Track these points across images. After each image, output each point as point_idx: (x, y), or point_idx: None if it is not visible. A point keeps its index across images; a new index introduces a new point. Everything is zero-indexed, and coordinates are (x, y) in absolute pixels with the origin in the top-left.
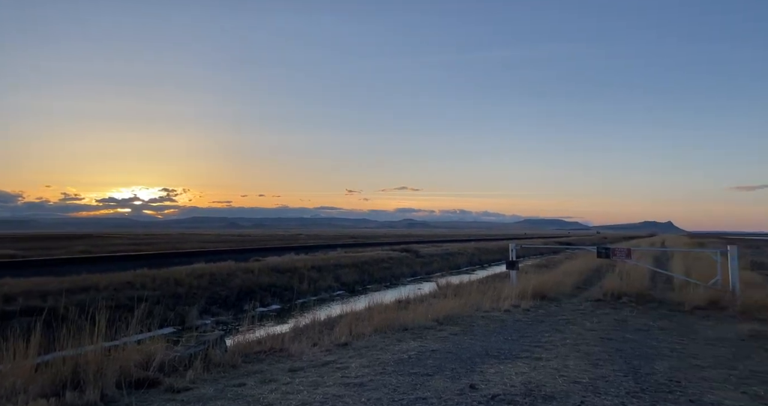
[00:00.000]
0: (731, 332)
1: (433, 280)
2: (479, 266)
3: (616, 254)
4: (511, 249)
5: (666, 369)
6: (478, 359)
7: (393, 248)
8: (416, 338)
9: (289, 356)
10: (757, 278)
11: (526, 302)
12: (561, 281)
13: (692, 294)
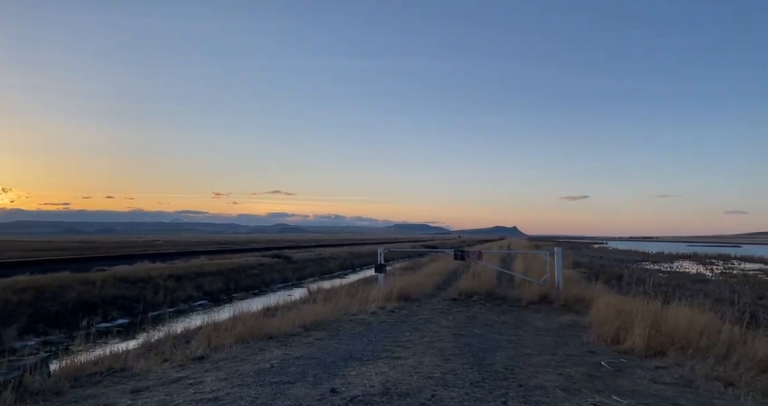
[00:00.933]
0: (555, 322)
1: (305, 285)
2: (352, 270)
3: (469, 256)
4: (379, 253)
5: (504, 359)
6: (342, 363)
7: (264, 253)
8: (281, 346)
9: (132, 375)
10: (577, 276)
11: (392, 303)
12: (423, 283)
13: (528, 291)
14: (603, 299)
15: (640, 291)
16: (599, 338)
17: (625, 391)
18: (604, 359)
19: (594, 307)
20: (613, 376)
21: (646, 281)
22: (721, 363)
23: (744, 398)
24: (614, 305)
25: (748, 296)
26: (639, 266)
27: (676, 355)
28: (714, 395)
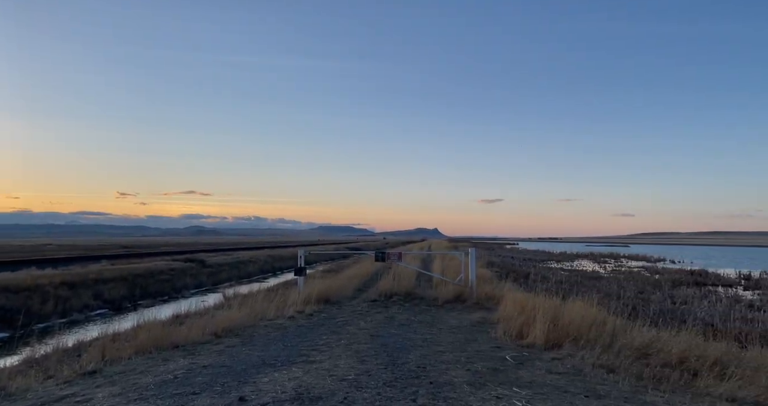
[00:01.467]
0: (467, 320)
1: (221, 290)
2: (272, 273)
3: (390, 257)
4: (299, 256)
5: (417, 357)
6: (254, 370)
7: (175, 258)
8: (188, 355)
9: (7, 395)
10: (490, 275)
11: (311, 307)
12: (344, 285)
13: (444, 290)
14: (510, 296)
15: (543, 288)
16: (505, 334)
17: (525, 382)
18: (508, 353)
19: (502, 304)
20: (516, 369)
21: (549, 278)
22: (606, 352)
23: (622, 382)
24: (520, 302)
25: (632, 290)
26: (545, 265)
27: (570, 347)
28: (599, 381)
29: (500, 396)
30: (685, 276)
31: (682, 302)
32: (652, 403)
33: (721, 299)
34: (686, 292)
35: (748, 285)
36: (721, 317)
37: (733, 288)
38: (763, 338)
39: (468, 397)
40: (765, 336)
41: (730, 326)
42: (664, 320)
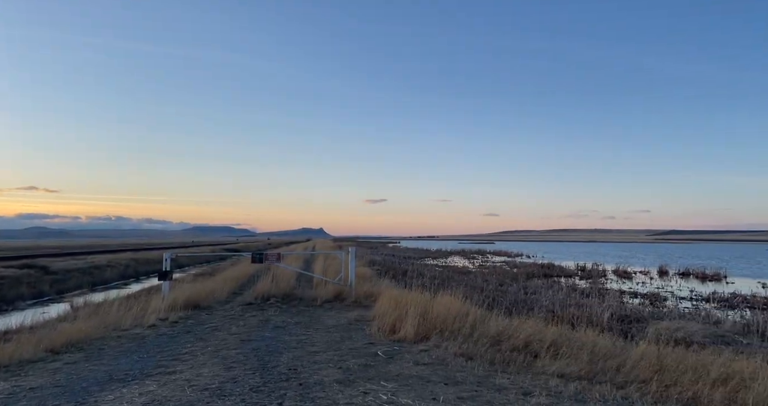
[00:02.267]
0: (344, 319)
1: (68, 300)
2: (136, 279)
3: (268, 258)
4: (165, 259)
5: (289, 360)
6: (97, 388)
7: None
8: (11, 377)
9: None
10: (370, 273)
11: (177, 313)
12: (218, 289)
13: (324, 290)
14: (387, 293)
15: (419, 284)
16: (379, 330)
17: (393, 375)
18: (381, 349)
19: (379, 302)
20: (386, 363)
21: (424, 275)
22: (466, 341)
23: (477, 368)
24: (395, 299)
25: (493, 283)
26: (422, 262)
27: (437, 338)
28: (458, 368)
29: (368, 391)
30: (537, 269)
31: (532, 293)
32: (500, 384)
33: (563, 288)
34: (536, 283)
35: (583, 275)
36: (561, 304)
37: (572, 278)
38: (589, 321)
39: (336, 395)
40: (590, 319)
41: (566, 312)
42: (517, 309)
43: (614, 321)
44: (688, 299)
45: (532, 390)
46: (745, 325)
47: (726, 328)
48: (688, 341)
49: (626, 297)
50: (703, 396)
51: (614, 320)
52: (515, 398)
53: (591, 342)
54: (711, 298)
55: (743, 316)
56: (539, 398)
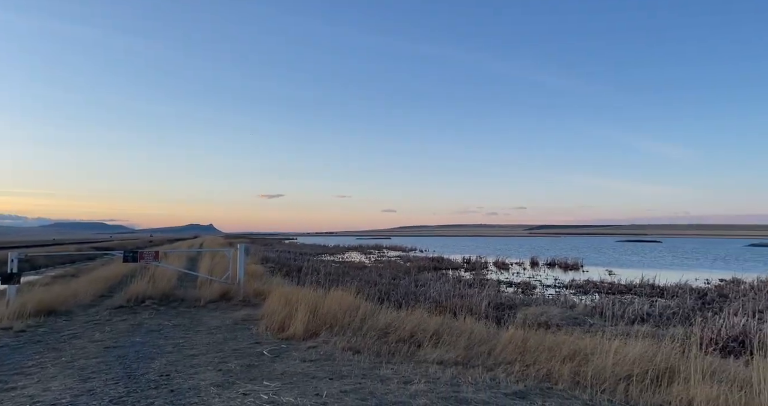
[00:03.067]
0: (230, 319)
1: None
2: None
3: (143, 257)
4: (10, 260)
5: (162, 366)
6: None
7: None
8: None
9: None
10: (262, 270)
11: (24, 321)
12: (81, 291)
13: (209, 290)
14: (278, 290)
15: (313, 281)
16: (267, 329)
17: (277, 374)
18: (267, 348)
19: (269, 299)
20: (271, 362)
21: (320, 271)
22: (355, 335)
23: (363, 361)
24: (285, 296)
25: (387, 277)
26: (319, 258)
27: (326, 334)
28: (345, 362)
29: (248, 392)
30: (428, 263)
31: (422, 285)
32: (384, 375)
33: (449, 280)
34: (427, 276)
35: (468, 268)
36: (446, 295)
37: (458, 271)
38: (469, 309)
39: (212, 399)
40: (471, 308)
41: (450, 302)
42: (407, 301)
43: (491, 309)
44: (553, 286)
45: (413, 378)
46: (593, 307)
47: (579, 311)
48: (549, 323)
49: (503, 286)
50: (555, 372)
51: (491, 307)
52: (396, 387)
53: (469, 329)
54: (570, 285)
55: (593, 300)
56: (418, 386)
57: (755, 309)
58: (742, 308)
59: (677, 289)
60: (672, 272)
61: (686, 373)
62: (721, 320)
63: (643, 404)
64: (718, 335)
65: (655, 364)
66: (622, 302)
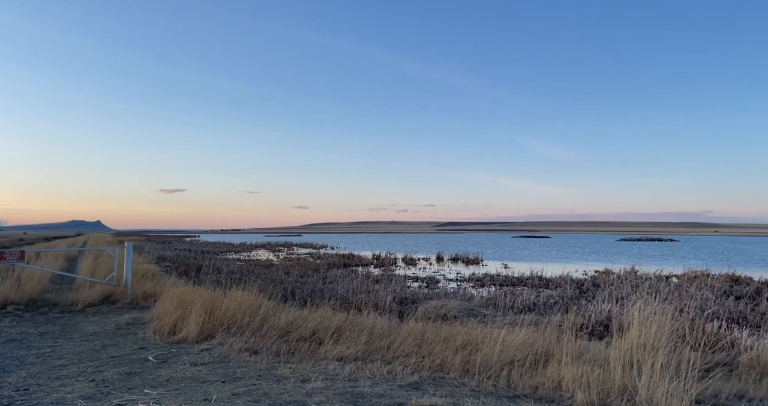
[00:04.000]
0: (112, 323)
1: None
2: None
3: (5, 257)
4: None
5: (21, 379)
6: None
7: None
8: None
9: None
10: (156, 270)
11: None
12: None
13: (89, 292)
14: (172, 291)
15: (214, 280)
16: (156, 333)
17: (162, 381)
18: (153, 353)
19: (160, 301)
20: (157, 368)
21: (222, 269)
22: (254, 335)
23: (261, 361)
24: (179, 297)
25: (295, 275)
26: (223, 256)
27: (223, 336)
28: (241, 364)
29: (124, 403)
30: (338, 259)
31: (330, 282)
32: (281, 375)
33: (358, 276)
34: (336, 273)
35: (378, 264)
36: (353, 291)
37: (368, 267)
38: (375, 305)
39: None
40: (376, 303)
41: (356, 298)
42: (313, 299)
43: (395, 303)
44: (455, 280)
45: (311, 376)
46: (488, 299)
47: (475, 303)
48: (448, 315)
49: (409, 281)
50: (448, 361)
51: (395, 302)
52: (293, 386)
53: (371, 325)
54: (470, 278)
55: (489, 292)
56: (315, 383)
57: (619, 296)
58: (608, 296)
59: (560, 280)
60: (557, 264)
61: (559, 356)
62: (592, 307)
63: (522, 386)
64: (588, 321)
65: (535, 349)
66: (513, 294)
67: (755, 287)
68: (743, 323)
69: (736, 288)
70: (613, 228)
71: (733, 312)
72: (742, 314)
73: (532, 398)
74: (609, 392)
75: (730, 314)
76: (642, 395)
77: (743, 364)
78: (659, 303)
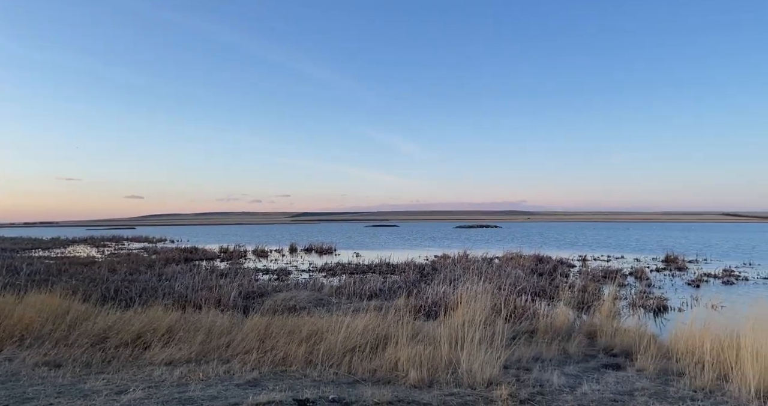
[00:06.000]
0: None
1: None
2: None
3: None
4: None
5: None
6: None
7: None
8: None
9: None
10: None
11: None
12: None
13: None
14: None
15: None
16: None
17: None
18: None
19: None
20: None
21: (22, 270)
22: (57, 346)
23: (64, 376)
24: None
25: (123, 273)
26: (27, 254)
27: (14, 349)
28: (36, 381)
29: None
30: (179, 254)
31: (167, 279)
32: (91, 388)
33: (201, 271)
34: (175, 268)
35: (225, 257)
36: (194, 287)
37: (213, 261)
38: (218, 301)
39: None
40: (219, 299)
41: (197, 295)
42: (144, 299)
43: (241, 298)
44: (307, 270)
45: (130, 386)
46: (338, 288)
47: (325, 292)
48: (297, 307)
49: (259, 274)
50: (291, 354)
51: (242, 297)
52: (105, 400)
53: (210, 323)
54: (322, 268)
55: (340, 281)
56: (135, 394)
57: (452, 278)
58: (444, 279)
59: (405, 266)
60: (403, 251)
61: (397, 338)
62: (430, 290)
63: (362, 371)
64: (426, 303)
65: (376, 334)
66: (362, 281)
67: (553, 265)
68: (543, 295)
69: (540, 266)
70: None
71: (537, 287)
72: (543, 288)
73: (370, 381)
74: (438, 367)
75: (534, 288)
76: (463, 367)
77: (540, 330)
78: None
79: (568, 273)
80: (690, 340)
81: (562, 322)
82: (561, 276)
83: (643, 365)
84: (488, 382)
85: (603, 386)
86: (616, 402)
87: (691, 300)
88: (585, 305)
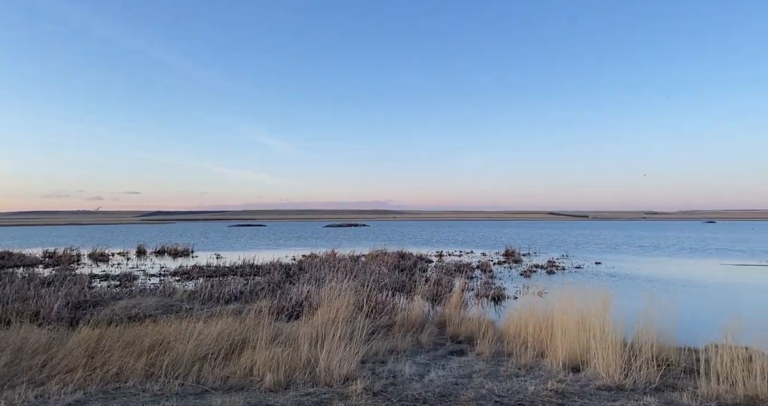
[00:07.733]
0: None
1: None
2: None
3: None
4: None
5: None
6: None
7: None
8: None
9: None
10: None
11: None
12: None
13: None
14: None
15: None
16: None
17: None
18: None
19: None
20: None
21: None
22: None
23: None
24: None
25: None
26: None
27: None
28: None
29: None
30: None
31: None
32: None
33: (15, 279)
34: None
35: (51, 262)
36: (4, 299)
37: (35, 267)
38: (35, 314)
39: None
40: (37, 312)
41: (6, 308)
42: None
43: (68, 309)
44: (158, 275)
45: None
46: (193, 292)
47: (177, 297)
48: (143, 315)
49: (96, 281)
50: (128, 368)
51: (69, 307)
52: None
53: (20, 340)
54: (176, 272)
55: (195, 284)
56: None
57: (319, 277)
58: (310, 278)
59: (270, 266)
60: (269, 251)
61: (255, 342)
62: (294, 290)
63: (213, 379)
64: (289, 303)
65: (233, 339)
66: (221, 284)
67: (414, 261)
68: (402, 290)
69: (402, 262)
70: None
71: (398, 282)
72: (403, 283)
73: (221, 389)
74: (296, 368)
75: (396, 283)
76: (322, 366)
77: (397, 323)
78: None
79: (426, 268)
80: (518, 324)
81: (417, 314)
82: (420, 271)
83: (482, 350)
84: (345, 378)
85: (447, 372)
86: (457, 385)
87: (522, 288)
88: (438, 298)
